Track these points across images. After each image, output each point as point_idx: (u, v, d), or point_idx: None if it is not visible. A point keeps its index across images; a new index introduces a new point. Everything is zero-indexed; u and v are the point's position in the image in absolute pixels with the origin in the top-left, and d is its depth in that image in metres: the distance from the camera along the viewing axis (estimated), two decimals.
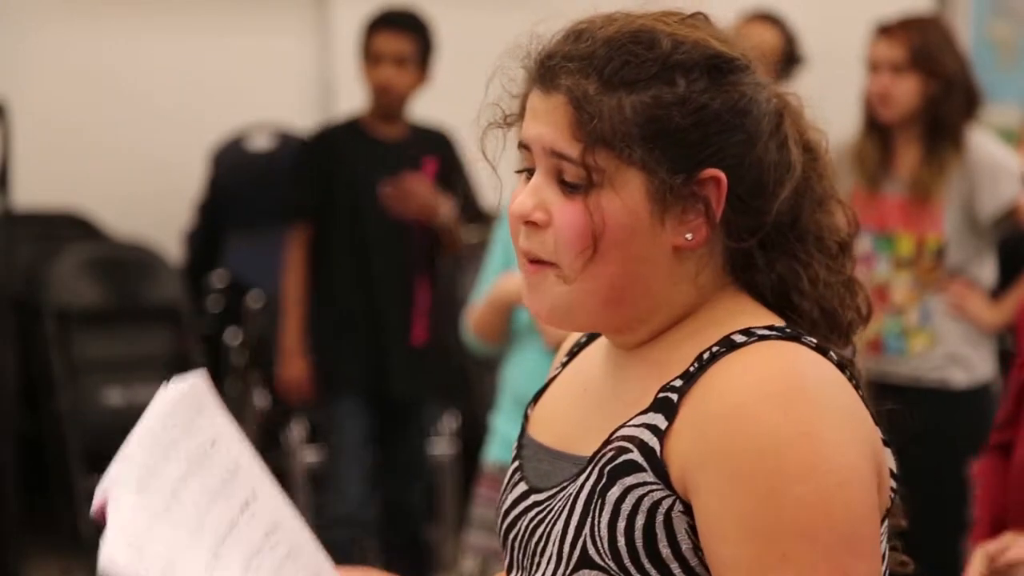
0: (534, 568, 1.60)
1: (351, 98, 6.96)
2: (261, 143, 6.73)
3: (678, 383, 1.54)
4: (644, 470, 1.51)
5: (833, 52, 5.83)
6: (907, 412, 1.64)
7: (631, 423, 1.55)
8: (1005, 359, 4.73)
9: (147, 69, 6.71)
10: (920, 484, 4.16)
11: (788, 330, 1.56)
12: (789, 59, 5.39)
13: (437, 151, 5.34)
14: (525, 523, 1.63)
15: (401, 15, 5.40)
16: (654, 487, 1.51)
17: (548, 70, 1.58)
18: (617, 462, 1.53)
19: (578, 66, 1.56)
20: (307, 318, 5.29)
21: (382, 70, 5.25)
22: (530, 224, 1.58)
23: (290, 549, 1.63)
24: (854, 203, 3.21)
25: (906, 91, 4.39)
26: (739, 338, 1.54)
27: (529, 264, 1.60)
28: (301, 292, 5.28)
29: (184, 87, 6.79)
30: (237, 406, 5.83)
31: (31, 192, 6.13)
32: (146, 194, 6.75)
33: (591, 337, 1.76)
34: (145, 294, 6.06)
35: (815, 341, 1.56)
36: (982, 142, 4.43)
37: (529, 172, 1.61)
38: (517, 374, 4.02)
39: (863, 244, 4.36)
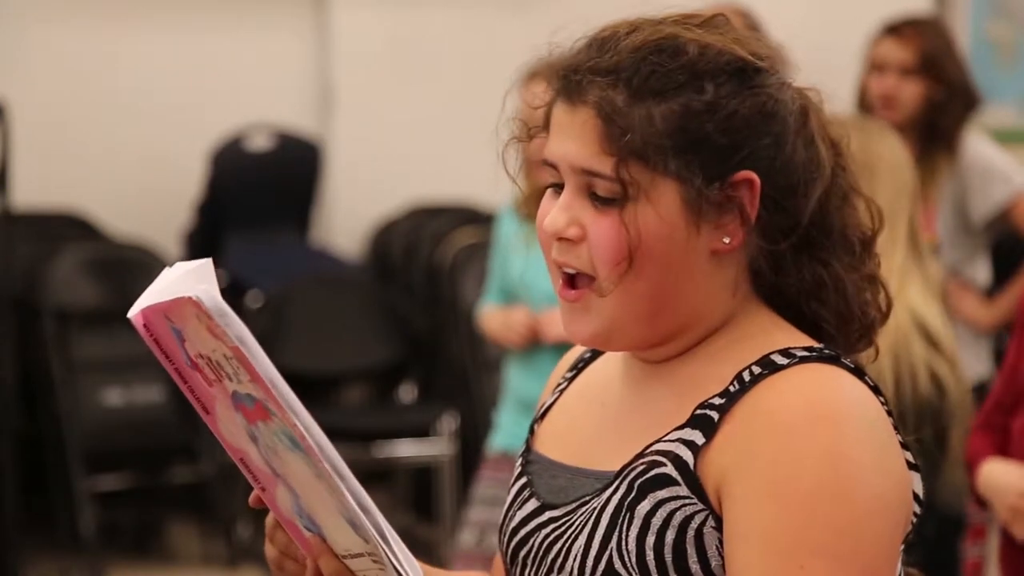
0: None
1: (351, 98, 6.98)
2: (260, 143, 6.74)
3: (718, 401, 1.53)
4: (678, 484, 1.51)
5: (828, 51, 5.84)
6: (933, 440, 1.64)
7: (666, 438, 1.54)
8: (1000, 359, 4.73)
9: (147, 69, 6.72)
10: None
11: (827, 351, 1.55)
12: None
13: None
14: (539, 539, 1.61)
15: None
16: (687, 501, 1.50)
17: (573, 84, 1.56)
18: (649, 475, 1.52)
19: (605, 79, 1.54)
20: None
21: None
22: (564, 240, 1.57)
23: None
24: None
25: (911, 95, 4.37)
26: (779, 359, 1.54)
27: (567, 289, 1.58)
28: None
29: (184, 87, 6.80)
30: None
31: (31, 192, 6.14)
32: (145, 194, 6.76)
33: (596, 352, 1.74)
34: None
35: (852, 364, 1.56)
36: (975, 144, 4.43)
37: (556, 187, 1.59)
38: (519, 376, 4.06)
39: None
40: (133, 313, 1.52)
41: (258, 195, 6.65)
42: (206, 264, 1.51)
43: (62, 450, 5.77)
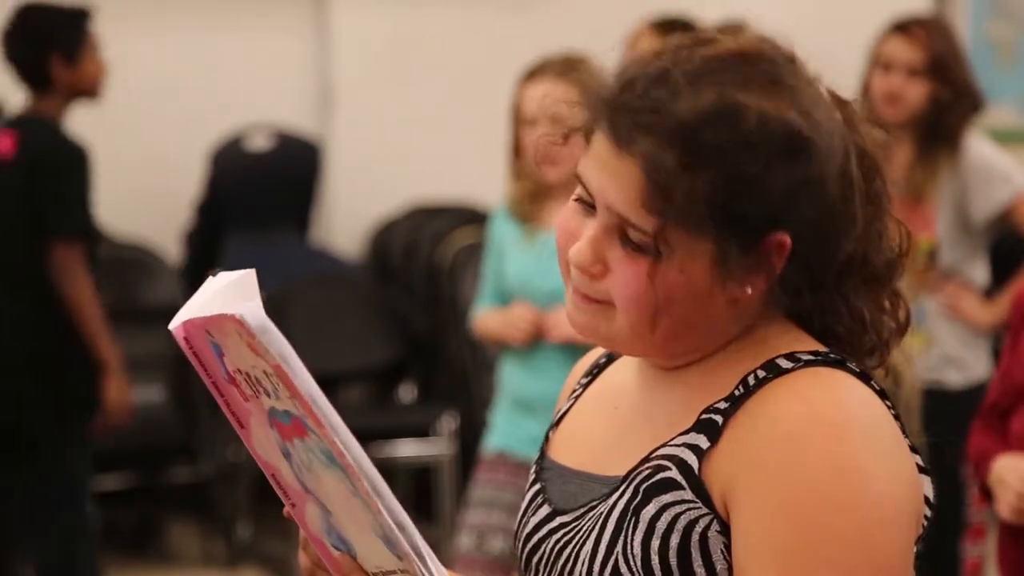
0: None
1: (351, 98, 6.99)
2: (260, 143, 6.74)
3: (722, 405, 1.53)
4: (682, 488, 1.51)
5: (828, 51, 5.83)
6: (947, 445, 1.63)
7: (671, 443, 1.54)
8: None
9: (147, 69, 6.72)
10: None
11: (832, 355, 1.55)
12: None
13: None
14: (550, 545, 1.62)
15: None
16: (691, 505, 1.50)
17: (623, 127, 1.52)
18: (654, 480, 1.53)
19: (655, 136, 1.50)
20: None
21: None
22: (585, 272, 1.56)
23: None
24: None
25: (917, 94, 4.37)
26: (784, 363, 1.53)
27: (579, 297, 1.57)
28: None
29: (184, 87, 6.80)
30: None
31: None
32: (145, 194, 6.76)
33: (611, 357, 1.74)
34: (144, 294, 6.06)
35: (859, 368, 1.55)
36: (976, 144, 4.43)
37: (582, 202, 1.56)
38: (517, 374, 4.05)
39: None
40: (174, 326, 1.53)
41: (258, 195, 6.66)
42: (248, 276, 1.52)
43: None
